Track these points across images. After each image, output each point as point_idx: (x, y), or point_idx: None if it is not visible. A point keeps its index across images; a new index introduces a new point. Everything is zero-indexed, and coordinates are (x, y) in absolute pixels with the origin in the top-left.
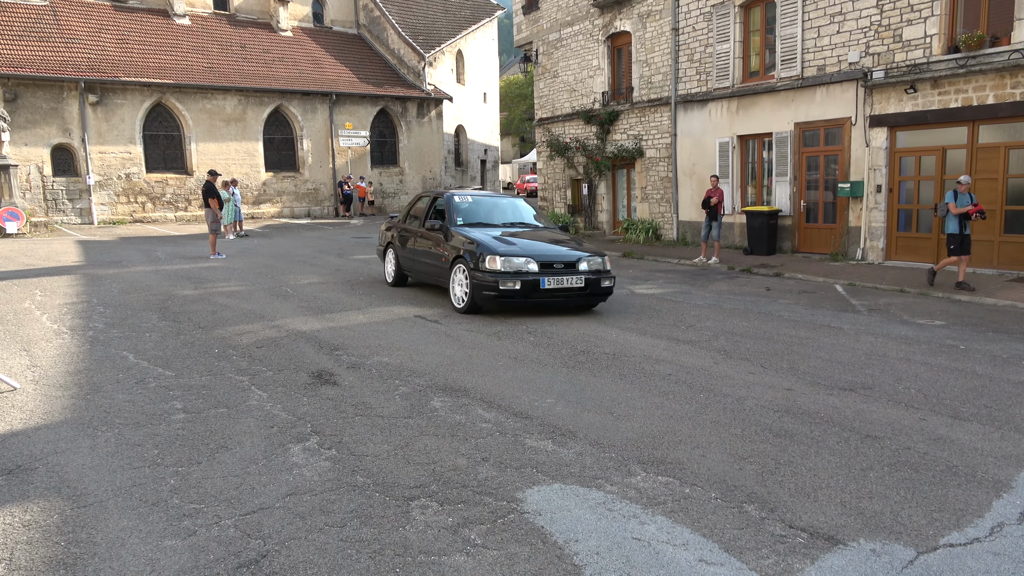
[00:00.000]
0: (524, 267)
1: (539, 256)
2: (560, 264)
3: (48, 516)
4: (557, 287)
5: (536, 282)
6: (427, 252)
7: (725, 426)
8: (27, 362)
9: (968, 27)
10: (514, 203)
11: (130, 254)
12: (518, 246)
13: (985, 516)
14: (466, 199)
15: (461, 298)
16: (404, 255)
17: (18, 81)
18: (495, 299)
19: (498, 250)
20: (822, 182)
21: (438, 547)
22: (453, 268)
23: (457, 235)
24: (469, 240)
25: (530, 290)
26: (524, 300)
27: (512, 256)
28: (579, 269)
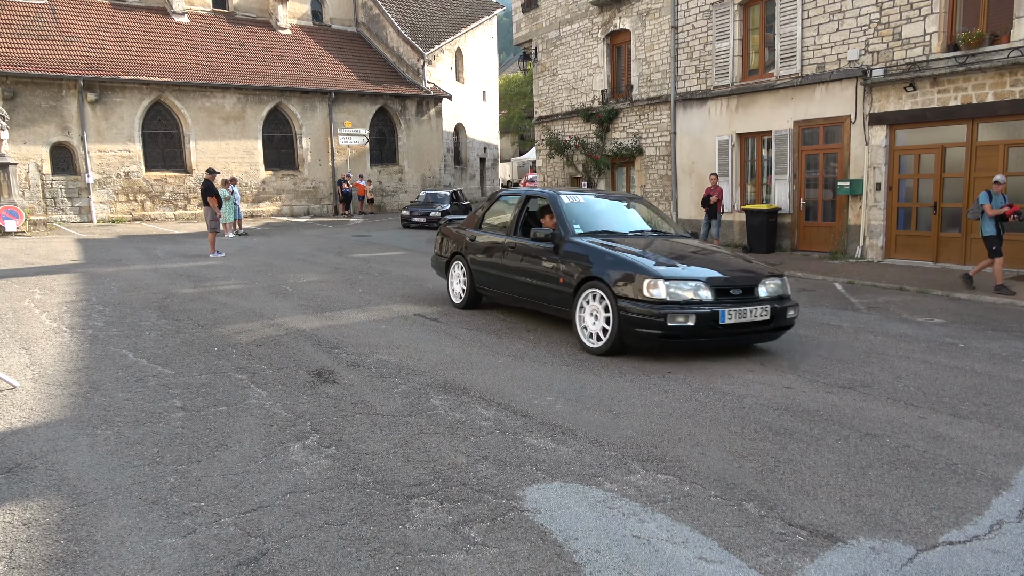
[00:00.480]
0: (695, 295)
1: (711, 279)
2: (738, 289)
3: (48, 514)
4: (739, 321)
5: (713, 315)
6: (527, 269)
7: (724, 424)
8: (27, 360)
9: (968, 25)
10: (632, 203)
11: (129, 252)
12: (678, 265)
13: (984, 514)
14: (577, 199)
15: (596, 335)
16: (483, 270)
17: (17, 79)
18: (658, 339)
19: (660, 272)
20: (821, 180)
21: (438, 545)
22: (581, 294)
23: (581, 248)
24: (609, 256)
25: (705, 327)
26: (695, 340)
27: (679, 280)
28: (760, 295)
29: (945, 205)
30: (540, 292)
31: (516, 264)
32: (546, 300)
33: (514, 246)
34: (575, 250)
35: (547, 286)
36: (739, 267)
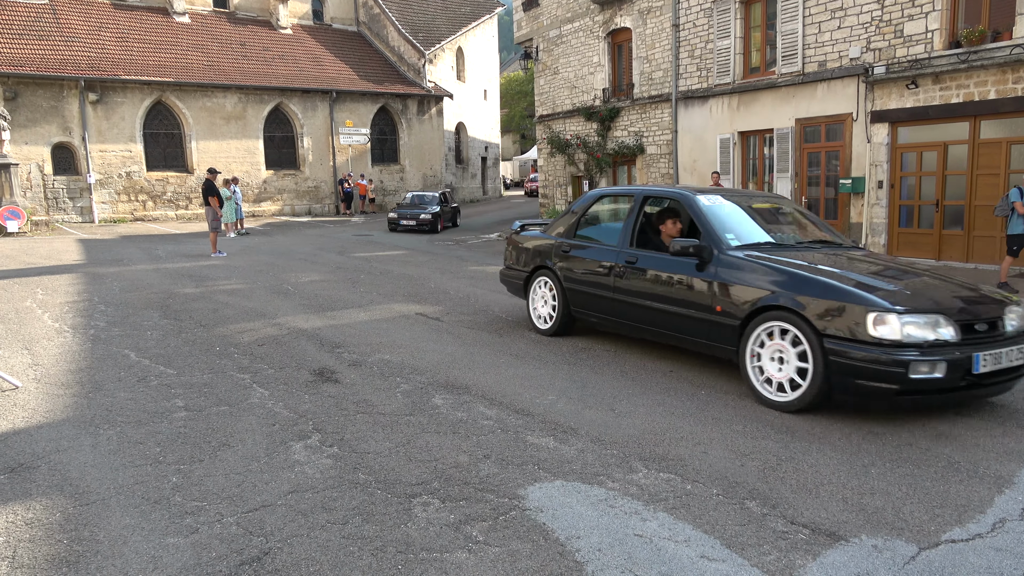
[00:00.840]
0: (936, 333)
1: (950, 310)
2: (983, 324)
3: (51, 514)
4: (994, 368)
5: (965, 362)
6: (655, 292)
7: (726, 423)
8: (29, 360)
9: (969, 22)
10: (779, 204)
11: (131, 252)
12: (899, 292)
13: (987, 512)
14: (718, 201)
15: (783, 384)
16: (583, 289)
17: (18, 80)
18: (891, 395)
19: (887, 303)
20: (823, 178)
21: (440, 544)
22: (754, 328)
23: (747, 265)
24: (799, 277)
25: (956, 378)
26: (943, 397)
27: (915, 314)
28: (1007, 331)
29: (947, 203)
30: (679, 322)
31: (638, 285)
32: (690, 333)
33: (634, 261)
34: (737, 268)
35: (691, 315)
36: (966, 292)
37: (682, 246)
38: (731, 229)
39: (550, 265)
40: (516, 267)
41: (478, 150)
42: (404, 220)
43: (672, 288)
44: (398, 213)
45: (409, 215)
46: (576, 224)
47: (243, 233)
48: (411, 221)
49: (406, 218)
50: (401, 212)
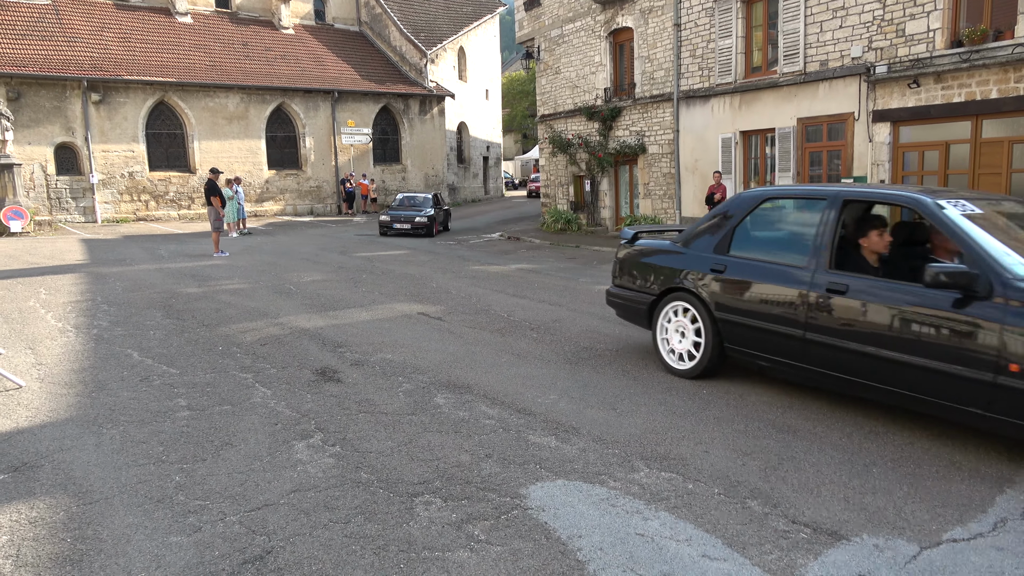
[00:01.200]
0: None
1: None
2: None
3: (54, 513)
4: None
5: None
6: (883, 336)
7: (728, 422)
8: (32, 360)
9: (971, 21)
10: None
11: (134, 252)
12: None
13: (988, 511)
14: (976, 210)
15: None
16: (749, 322)
17: (21, 80)
18: None
19: None
20: (825, 177)
21: (442, 543)
22: None
23: None
24: None
25: None
26: None
27: None
28: None
29: None
30: (931, 383)
31: (853, 323)
32: (951, 398)
33: (842, 289)
34: None
35: (956, 373)
36: None
37: (946, 274)
38: (1010, 250)
39: (691, 288)
40: (633, 288)
41: (480, 150)
42: (397, 223)
43: (920, 332)
44: (390, 216)
45: (403, 218)
46: (731, 234)
47: (245, 233)
48: (405, 224)
49: (400, 221)
50: (394, 215)
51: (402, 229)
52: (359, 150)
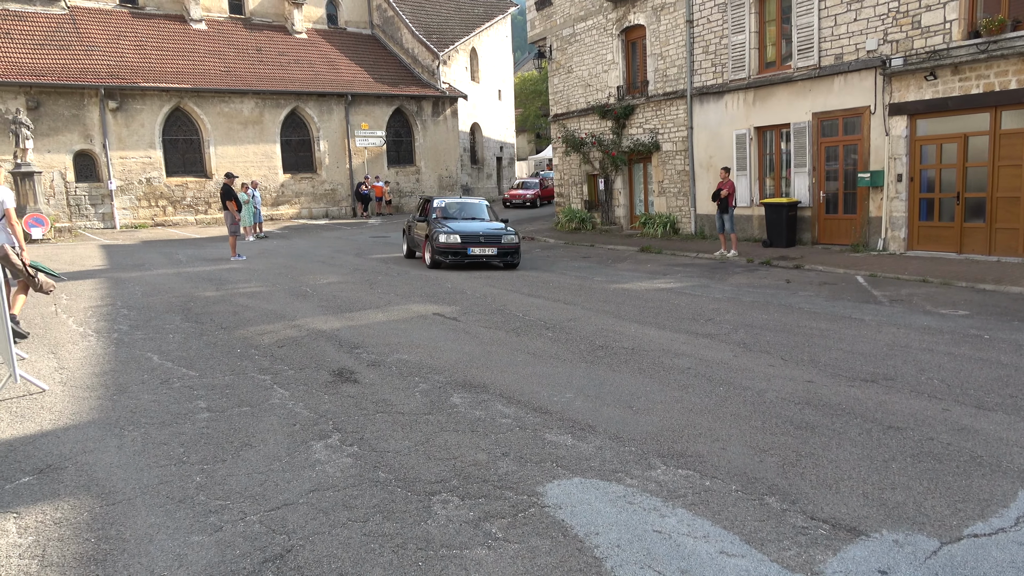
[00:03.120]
0: None
1: None
2: None
3: (78, 514)
4: None
5: None
6: None
7: (745, 419)
8: (55, 364)
9: (989, 11)
10: None
11: (152, 257)
12: None
13: (1010, 506)
14: None
15: None
16: None
17: (40, 89)
18: None
19: None
20: (842, 172)
21: (460, 541)
22: None
23: None
24: None
25: None
26: None
27: None
28: None
29: (968, 195)
30: None
31: None
32: None
33: None
34: None
35: None
36: None
37: None
38: None
39: None
40: None
41: (493, 150)
42: (475, 247)
43: None
44: (459, 236)
45: (482, 238)
46: None
47: (262, 236)
48: (487, 249)
49: (476, 242)
50: (465, 233)
51: (481, 257)
52: (373, 152)
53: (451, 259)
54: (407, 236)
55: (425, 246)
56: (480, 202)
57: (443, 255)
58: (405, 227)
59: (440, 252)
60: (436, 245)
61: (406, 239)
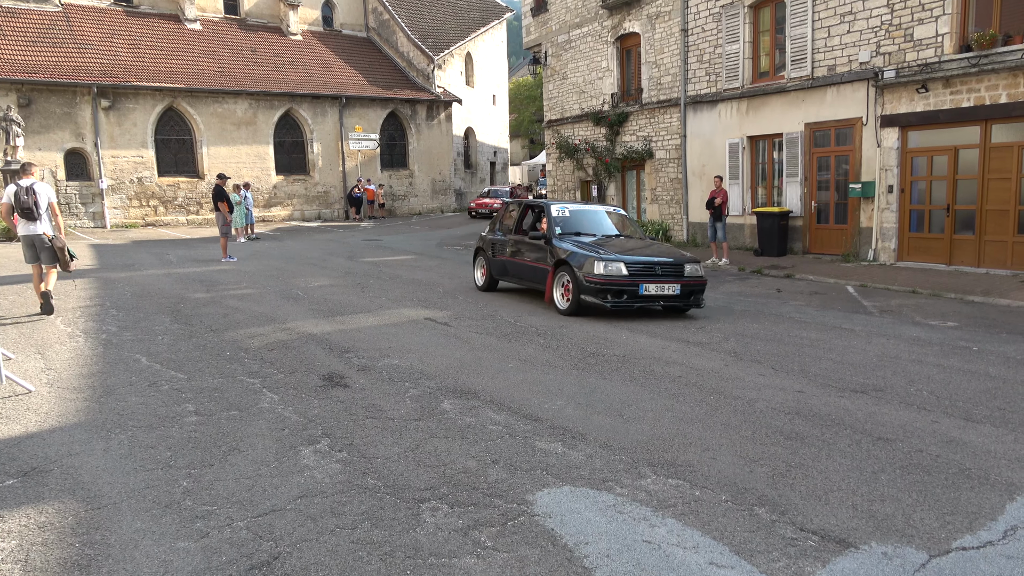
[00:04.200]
0: None
1: None
2: None
3: (63, 518)
4: None
5: None
6: None
7: (735, 428)
8: (42, 365)
9: (980, 26)
10: None
11: (142, 257)
12: None
13: (998, 519)
14: None
15: None
16: None
17: (32, 87)
18: None
19: None
20: (833, 182)
21: (448, 549)
22: None
23: None
24: None
25: None
26: None
27: None
28: None
29: (958, 207)
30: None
31: None
32: None
33: None
34: None
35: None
36: None
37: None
38: None
39: None
40: None
41: (487, 155)
42: (648, 282)
43: None
44: (627, 268)
45: (659, 268)
46: None
47: (253, 238)
48: (668, 287)
49: (651, 276)
50: (635, 265)
51: (657, 298)
52: (367, 155)
53: (612, 301)
54: (485, 258)
55: (553, 280)
56: (616, 211)
57: (599, 294)
58: (481, 245)
59: (595, 290)
60: (587, 279)
61: (483, 261)
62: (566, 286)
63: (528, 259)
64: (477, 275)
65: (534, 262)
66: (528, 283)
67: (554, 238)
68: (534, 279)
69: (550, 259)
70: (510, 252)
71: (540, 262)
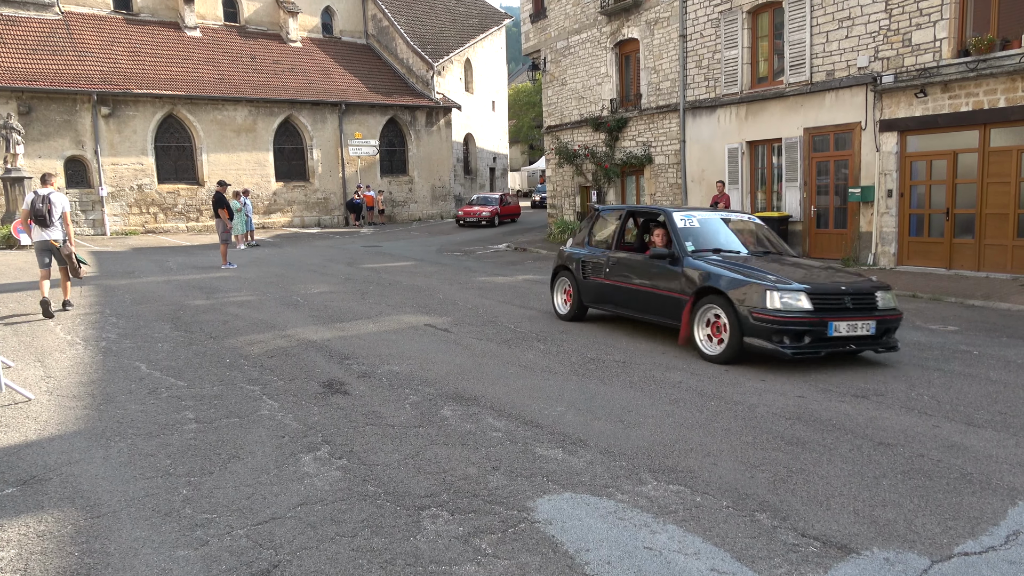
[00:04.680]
0: None
1: None
2: None
3: (62, 526)
4: None
5: None
6: None
7: (736, 434)
8: (41, 373)
9: (978, 30)
10: None
11: (142, 264)
12: None
13: (1000, 524)
14: None
15: None
16: None
17: (32, 95)
18: None
19: None
20: (832, 187)
21: (449, 557)
22: None
23: None
24: None
25: None
26: None
27: None
28: None
29: (958, 211)
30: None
31: None
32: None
33: None
34: None
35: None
36: None
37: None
38: None
39: None
40: None
41: (487, 161)
42: (838, 319)
43: None
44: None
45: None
46: None
47: (253, 245)
48: (861, 323)
49: (839, 311)
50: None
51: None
52: (366, 162)
53: (792, 346)
54: (572, 280)
55: (693, 314)
56: (751, 219)
57: (772, 336)
58: (564, 263)
59: (766, 330)
60: (755, 315)
61: (568, 283)
62: (715, 323)
63: (643, 283)
64: (558, 301)
65: (654, 287)
66: (641, 314)
67: (686, 256)
68: (655, 310)
69: (684, 285)
70: (612, 273)
71: (666, 288)
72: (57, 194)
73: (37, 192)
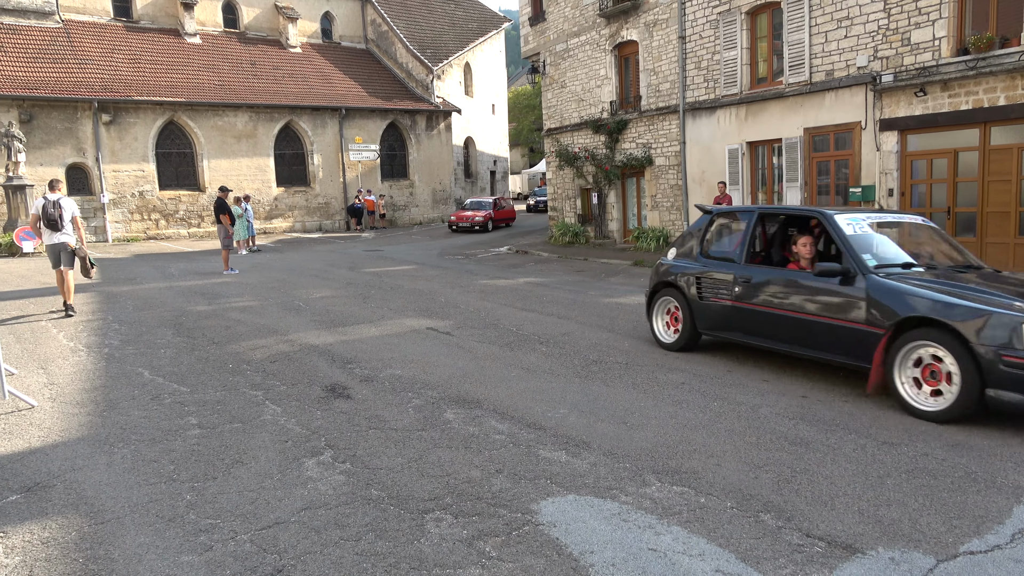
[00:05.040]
0: None
1: None
2: None
3: (66, 533)
4: None
5: None
6: None
7: (740, 434)
8: (44, 380)
9: (977, 29)
10: None
11: (144, 271)
12: None
13: (1006, 523)
14: None
15: None
16: None
17: (33, 102)
18: None
19: None
20: (833, 187)
21: (453, 560)
22: None
23: None
24: None
25: None
26: None
27: None
28: None
29: (959, 210)
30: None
31: None
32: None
33: None
34: None
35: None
36: None
37: None
38: None
39: None
40: None
41: (487, 164)
42: None
43: None
44: None
45: None
46: None
47: (255, 250)
48: None
49: None
50: None
51: None
52: (367, 166)
53: None
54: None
55: (888, 353)
56: (926, 222)
57: None
58: (669, 279)
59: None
60: (1006, 359)
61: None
62: (929, 369)
63: (797, 308)
64: (659, 326)
65: (818, 315)
66: (795, 348)
67: (869, 273)
68: (820, 344)
69: (869, 314)
70: (745, 294)
71: (838, 317)
72: (66, 199)
73: (47, 197)
